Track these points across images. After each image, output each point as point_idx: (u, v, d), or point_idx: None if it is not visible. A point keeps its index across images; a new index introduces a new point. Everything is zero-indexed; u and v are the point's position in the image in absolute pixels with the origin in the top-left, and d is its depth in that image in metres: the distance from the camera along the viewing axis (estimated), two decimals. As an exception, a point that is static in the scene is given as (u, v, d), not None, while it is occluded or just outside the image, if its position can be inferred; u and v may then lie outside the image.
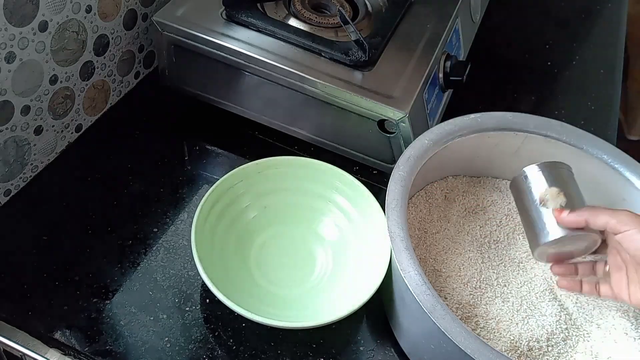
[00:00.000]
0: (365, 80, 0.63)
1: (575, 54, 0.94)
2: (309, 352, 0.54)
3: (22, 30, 0.55)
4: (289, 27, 0.66)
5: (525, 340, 0.52)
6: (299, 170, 0.62)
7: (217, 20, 0.66)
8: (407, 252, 0.49)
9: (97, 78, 0.68)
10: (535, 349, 0.52)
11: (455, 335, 0.44)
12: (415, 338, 0.52)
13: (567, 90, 0.87)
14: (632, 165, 0.59)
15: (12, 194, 0.62)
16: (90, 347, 0.52)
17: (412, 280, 0.47)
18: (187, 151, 0.70)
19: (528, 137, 0.61)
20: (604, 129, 0.80)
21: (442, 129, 0.59)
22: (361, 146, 0.68)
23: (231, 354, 0.53)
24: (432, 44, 0.68)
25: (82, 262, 0.58)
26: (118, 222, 0.61)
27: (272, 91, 0.66)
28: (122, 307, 0.55)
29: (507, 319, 0.54)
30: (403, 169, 0.55)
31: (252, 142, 0.72)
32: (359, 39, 0.63)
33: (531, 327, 0.53)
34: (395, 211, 0.52)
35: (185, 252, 0.60)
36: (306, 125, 0.69)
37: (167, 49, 0.68)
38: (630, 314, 0.56)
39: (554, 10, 1.04)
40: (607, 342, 0.54)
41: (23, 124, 0.60)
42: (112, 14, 0.66)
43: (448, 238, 0.60)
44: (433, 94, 0.68)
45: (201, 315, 0.55)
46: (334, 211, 0.62)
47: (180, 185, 0.66)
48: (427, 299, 0.46)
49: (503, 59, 0.92)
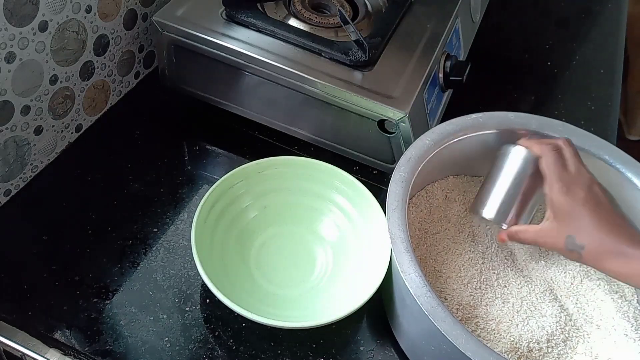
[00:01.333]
0: (365, 80, 0.63)
1: (575, 54, 0.94)
2: (309, 352, 0.54)
3: (22, 30, 0.55)
4: (289, 27, 0.66)
5: (526, 341, 0.52)
6: (299, 170, 0.62)
7: (217, 20, 0.66)
8: (408, 254, 0.49)
9: (97, 78, 0.68)
10: (535, 350, 0.52)
11: (456, 338, 0.44)
12: (415, 339, 0.52)
13: (567, 90, 0.87)
14: (632, 165, 0.59)
15: (12, 194, 0.62)
16: (90, 347, 0.52)
17: (412, 283, 0.47)
18: (187, 151, 0.70)
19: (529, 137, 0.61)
20: (604, 129, 0.80)
21: (443, 129, 0.59)
22: (361, 146, 0.68)
23: (231, 354, 0.53)
24: (432, 44, 0.68)
25: (82, 262, 0.58)
26: (118, 222, 0.61)
27: (272, 91, 0.66)
28: (122, 307, 0.55)
29: (507, 320, 0.53)
30: (404, 169, 0.55)
31: (252, 142, 0.72)
32: (359, 39, 0.63)
33: (531, 329, 0.53)
34: (396, 212, 0.52)
35: (185, 252, 0.60)
36: (306, 125, 0.69)
37: (167, 49, 0.68)
38: (630, 315, 0.56)
39: (554, 10, 1.04)
40: (607, 343, 0.54)
41: (23, 124, 0.60)
42: (112, 14, 0.66)
43: (448, 238, 0.60)
44: (433, 94, 0.68)
45: (201, 315, 0.55)
46: (334, 211, 0.62)
47: (180, 185, 0.66)
48: (427, 301, 0.46)
49: (503, 59, 0.92)
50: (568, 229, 0.50)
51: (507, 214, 0.55)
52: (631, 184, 0.58)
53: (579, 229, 0.50)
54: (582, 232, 0.50)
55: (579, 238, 0.50)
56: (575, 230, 0.50)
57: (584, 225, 0.50)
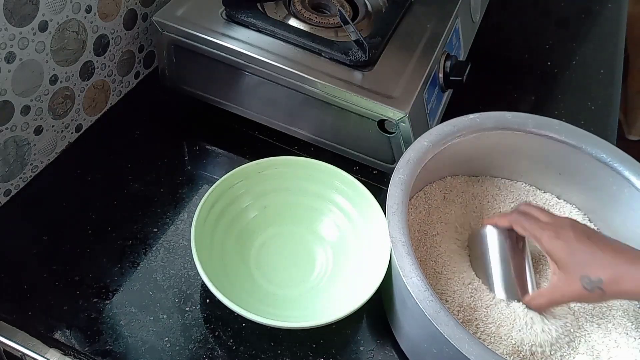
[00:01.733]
0: (365, 80, 0.63)
1: (575, 54, 0.94)
2: (309, 352, 0.54)
3: (22, 30, 0.55)
4: (289, 27, 0.66)
5: (528, 344, 0.52)
6: (299, 170, 0.62)
7: (217, 20, 0.66)
8: (409, 258, 0.49)
9: (97, 78, 0.68)
10: (538, 354, 0.52)
11: (459, 342, 0.44)
12: (416, 341, 0.52)
13: (567, 90, 0.87)
14: (632, 165, 0.59)
15: (12, 194, 0.62)
16: (91, 347, 0.52)
17: (414, 286, 0.47)
18: (187, 151, 0.70)
19: (527, 137, 0.61)
20: (604, 129, 0.80)
21: (441, 130, 0.59)
22: (361, 146, 0.68)
23: (231, 354, 0.53)
24: (432, 44, 0.68)
25: (82, 262, 0.58)
26: (118, 222, 0.61)
27: (272, 91, 0.66)
28: (122, 307, 0.55)
29: (509, 323, 0.53)
30: (403, 172, 0.55)
31: (252, 142, 0.72)
32: (359, 39, 0.63)
33: (535, 332, 0.52)
34: (396, 215, 0.52)
35: (185, 252, 0.60)
36: (306, 125, 0.69)
37: (167, 49, 0.68)
38: (631, 314, 0.56)
39: (554, 10, 1.04)
40: (608, 342, 0.54)
41: (23, 124, 0.60)
42: (112, 14, 0.66)
43: (448, 239, 0.60)
44: (433, 94, 0.68)
45: (201, 315, 0.55)
46: (334, 211, 0.62)
47: (180, 185, 0.66)
48: (430, 305, 0.46)
49: (503, 59, 0.92)
50: (578, 270, 0.49)
51: (515, 290, 0.55)
52: (627, 181, 0.58)
53: (587, 266, 0.49)
54: (592, 267, 0.48)
55: (593, 273, 0.48)
56: (585, 268, 0.49)
57: (590, 260, 0.49)
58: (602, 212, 0.62)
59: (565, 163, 0.62)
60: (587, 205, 0.63)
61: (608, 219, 0.61)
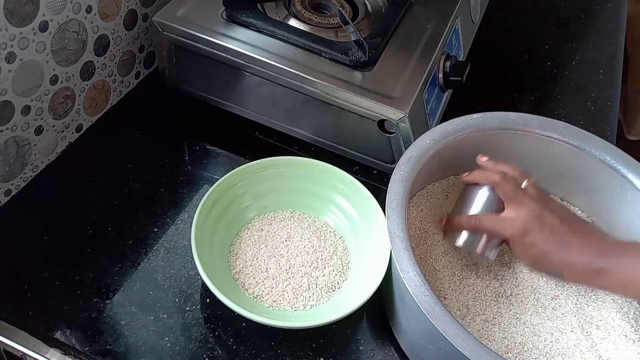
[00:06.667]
0: (365, 80, 0.63)
1: (575, 54, 0.94)
2: (309, 352, 0.54)
3: (22, 30, 0.55)
4: (289, 27, 0.66)
5: (524, 341, 0.52)
6: (299, 170, 0.62)
7: (217, 20, 0.66)
8: (407, 253, 0.49)
9: (98, 78, 0.68)
10: (534, 350, 0.52)
11: (453, 337, 0.44)
12: (414, 338, 0.52)
13: (567, 90, 0.87)
14: (632, 165, 0.59)
15: (13, 194, 0.62)
16: (91, 347, 0.52)
17: (411, 281, 0.47)
18: (187, 151, 0.70)
19: (531, 138, 0.61)
20: (604, 129, 0.80)
21: (444, 129, 0.59)
22: (361, 146, 0.68)
23: (231, 354, 0.53)
24: (432, 44, 0.68)
25: (82, 261, 0.58)
26: (118, 222, 0.61)
27: (272, 91, 0.66)
28: (122, 307, 0.55)
29: (506, 320, 0.53)
30: (404, 168, 0.55)
31: (252, 142, 0.72)
32: (359, 39, 0.63)
33: (531, 328, 0.53)
34: (396, 211, 0.52)
35: (185, 252, 0.60)
36: (306, 125, 0.69)
37: (168, 49, 0.68)
38: (630, 316, 0.56)
39: (554, 10, 1.04)
40: (607, 344, 0.54)
41: (23, 124, 0.60)
42: (113, 14, 0.66)
43: (449, 238, 0.60)
44: (433, 94, 0.68)
45: (201, 315, 0.55)
46: (334, 211, 0.62)
47: (180, 185, 0.66)
48: (425, 300, 0.46)
49: (503, 59, 0.92)
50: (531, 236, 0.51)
51: (475, 242, 0.55)
52: (631, 184, 0.58)
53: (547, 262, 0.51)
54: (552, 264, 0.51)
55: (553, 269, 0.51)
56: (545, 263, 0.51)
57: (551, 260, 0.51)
58: (605, 214, 0.62)
59: (569, 165, 0.62)
60: (591, 207, 0.63)
61: (611, 221, 0.61)
